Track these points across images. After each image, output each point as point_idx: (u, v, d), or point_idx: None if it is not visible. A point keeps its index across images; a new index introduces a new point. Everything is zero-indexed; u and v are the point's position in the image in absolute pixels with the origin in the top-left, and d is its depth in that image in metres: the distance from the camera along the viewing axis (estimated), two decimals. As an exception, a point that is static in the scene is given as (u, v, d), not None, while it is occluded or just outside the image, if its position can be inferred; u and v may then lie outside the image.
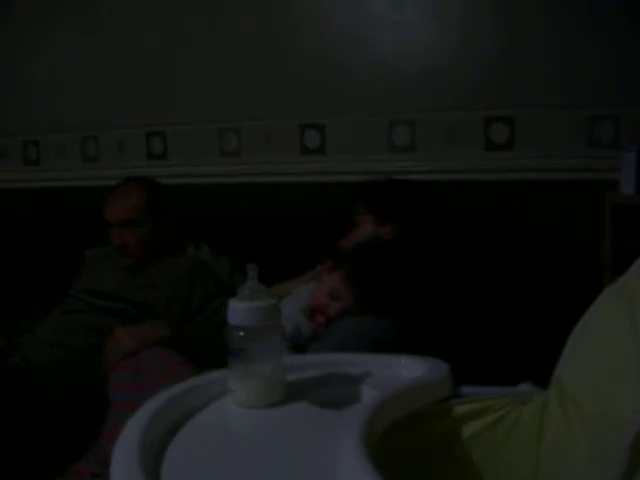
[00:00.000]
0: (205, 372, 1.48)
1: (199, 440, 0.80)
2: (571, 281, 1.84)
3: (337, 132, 2.29)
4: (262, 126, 2.36)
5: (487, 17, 2.09)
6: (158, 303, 1.97)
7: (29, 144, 2.72)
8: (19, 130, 2.71)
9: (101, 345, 1.81)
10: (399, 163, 2.22)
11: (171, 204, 2.13)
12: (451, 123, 2.15)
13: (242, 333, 0.85)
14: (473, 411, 0.93)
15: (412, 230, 1.64)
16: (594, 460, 0.81)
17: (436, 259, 1.60)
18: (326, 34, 2.25)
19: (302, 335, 1.43)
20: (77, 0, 2.55)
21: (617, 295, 0.89)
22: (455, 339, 1.42)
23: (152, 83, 2.46)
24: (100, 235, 2.11)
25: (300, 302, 1.48)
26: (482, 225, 1.99)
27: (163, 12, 2.42)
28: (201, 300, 2.00)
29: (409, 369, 0.98)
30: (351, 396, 0.92)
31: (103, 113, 2.56)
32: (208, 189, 2.44)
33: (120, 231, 2.00)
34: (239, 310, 0.85)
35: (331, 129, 2.29)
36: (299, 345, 1.43)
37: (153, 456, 0.76)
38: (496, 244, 1.91)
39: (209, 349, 1.74)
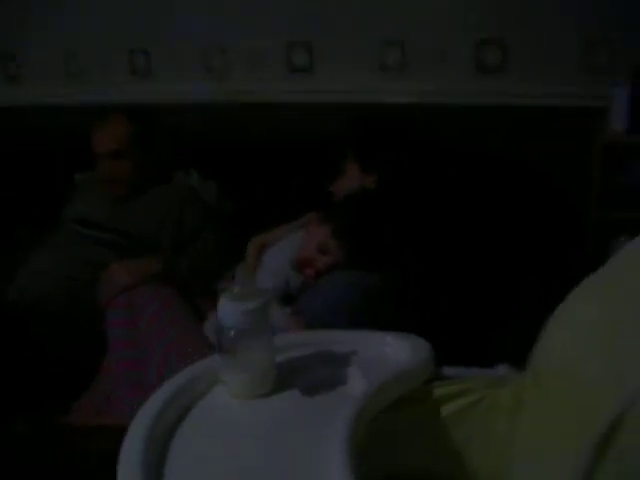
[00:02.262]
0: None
1: (199, 433, 0.86)
2: (558, 215, 1.86)
3: (326, 50, 2.22)
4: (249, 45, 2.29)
5: None
6: (149, 232, 2.00)
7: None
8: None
9: (95, 278, 1.85)
10: (389, 84, 2.17)
11: (158, 133, 2.10)
12: (442, 44, 2.09)
13: (233, 333, 0.88)
14: (452, 393, 0.99)
15: (396, 180, 1.64)
16: (562, 448, 0.87)
17: (421, 208, 1.62)
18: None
19: (291, 287, 1.46)
20: None
21: (593, 290, 0.91)
22: (440, 294, 1.46)
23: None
24: (87, 157, 2.10)
25: (288, 254, 1.50)
26: (470, 150, 1.98)
27: None
28: (191, 227, 2.04)
29: (393, 348, 1.03)
30: (338, 381, 0.97)
31: (87, 29, 2.46)
32: (193, 109, 2.39)
33: (108, 162, 2.00)
34: (230, 312, 0.88)
35: (319, 47, 2.22)
36: (288, 295, 1.46)
37: (158, 450, 0.82)
38: (483, 173, 1.91)
39: (194, 282, 1.82)
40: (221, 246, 2.03)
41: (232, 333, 0.89)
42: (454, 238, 1.62)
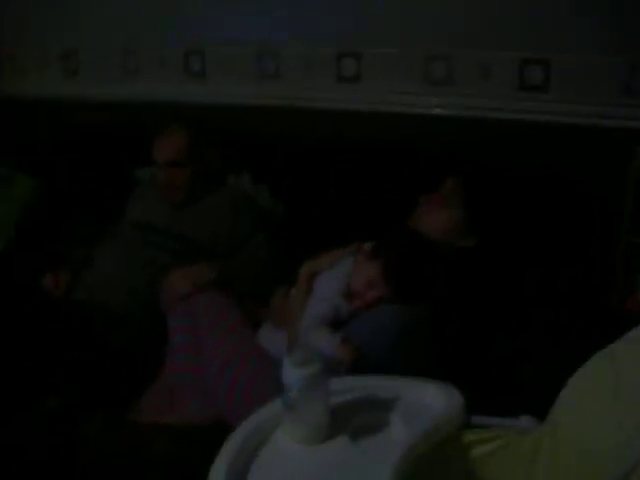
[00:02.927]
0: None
1: (265, 475, 1.03)
2: (591, 233, 1.96)
3: (374, 62, 2.31)
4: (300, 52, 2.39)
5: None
6: (205, 239, 2.15)
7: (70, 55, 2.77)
8: (58, 40, 2.75)
9: (155, 281, 2.01)
10: (435, 98, 2.26)
11: (213, 142, 2.24)
12: (488, 61, 2.16)
13: (294, 392, 1.04)
14: (479, 439, 1.14)
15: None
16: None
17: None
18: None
19: (341, 315, 1.61)
20: None
21: (608, 361, 1.05)
22: (479, 331, 1.59)
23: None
24: (145, 152, 2.25)
25: (338, 282, 1.64)
26: (508, 165, 2.08)
27: None
28: (244, 233, 2.18)
29: (432, 397, 1.18)
30: (383, 426, 1.13)
31: (144, 28, 2.58)
32: (245, 112, 2.51)
33: (167, 171, 2.14)
34: (292, 375, 1.04)
35: (368, 59, 2.31)
36: (338, 322, 1.61)
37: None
38: (518, 193, 2.00)
39: (248, 288, 1.97)
40: (272, 249, 2.18)
41: (294, 392, 1.04)
42: (499, 268, 1.74)
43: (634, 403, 0.95)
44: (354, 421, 1.12)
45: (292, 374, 1.04)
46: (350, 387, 1.20)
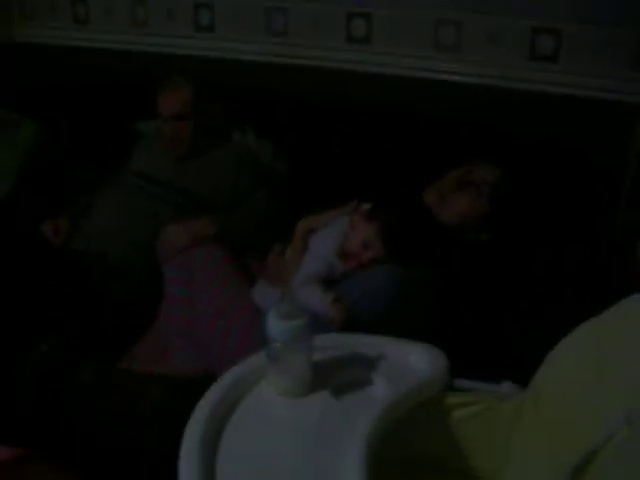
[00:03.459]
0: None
1: (247, 426, 1.05)
2: (594, 205, 1.95)
3: (384, 23, 2.28)
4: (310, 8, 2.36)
5: None
6: (207, 193, 2.16)
7: (78, 2, 2.75)
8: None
9: (155, 233, 2.02)
10: (443, 63, 2.24)
11: (218, 97, 2.23)
12: (498, 28, 2.14)
13: (278, 344, 1.06)
14: (462, 402, 1.16)
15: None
16: (549, 464, 1.04)
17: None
18: None
19: (335, 274, 1.62)
20: None
21: (590, 333, 1.06)
22: (471, 297, 1.60)
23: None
24: (149, 104, 2.24)
25: (333, 241, 1.64)
26: (513, 132, 2.07)
27: None
28: (246, 189, 2.19)
29: (417, 357, 1.19)
30: (366, 384, 1.14)
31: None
32: (253, 68, 2.49)
33: (172, 124, 2.14)
34: (277, 327, 1.05)
35: (378, 20, 2.29)
36: (332, 280, 1.62)
37: (212, 441, 1.01)
38: (519, 163, 1.99)
39: (247, 244, 1.98)
40: (273, 206, 2.18)
41: (278, 345, 1.06)
42: (501, 245, 1.74)
43: (614, 380, 0.96)
44: (337, 378, 1.14)
45: (277, 326, 1.05)
46: (335, 344, 1.21)
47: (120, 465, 1.59)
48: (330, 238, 1.66)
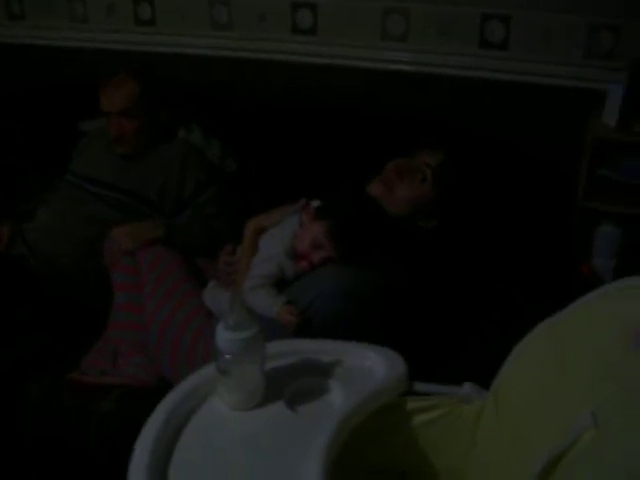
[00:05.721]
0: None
1: (197, 441, 0.99)
2: (546, 196, 1.94)
3: (330, 14, 2.23)
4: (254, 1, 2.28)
5: None
6: (152, 194, 2.08)
7: None
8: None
9: (101, 236, 1.94)
10: (391, 52, 2.20)
11: (164, 92, 2.15)
12: (446, 16, 2.10)
13: (228, 356, 0.99)
14: (423, 406, 1.11)
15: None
16: (511, 469, 1.00)
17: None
18: None
19: (287, 275, 1.56)
20: None
21: (551, 332, 1.02)
22: (425, 297, 1.56)
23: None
24: (90, 102, 2.15)
25: (283, 241, 1.58)
26: (465, 124, 2.04)
27: None
28: (193, 189, 2.11)
29: (373, 362, 1.14)
30: (322, 391, 1.09)
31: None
32: (197, 62, 2.41)
33: (118, 120, 2.05)
34: (226, 340, 0.98)
35: (323, 10, 2.23)
36: (284, 281, 1.56)
37: (164, 454, 0.95)
38: (472, 153, 1.96)
39: (196, 246, 1.92)
40: (222, 206, 2.11)
41: (228, 357, 0.99)
42: (448, 231, 1.70)
43: (578, 380, 0.92)
44: (291, 386, 1.08)
45: (226, 338, 0.99)
46: (288, 351, 1.16)
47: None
48: (280, 238, 1.60)
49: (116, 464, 0.99)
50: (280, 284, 1.56)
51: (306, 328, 1.44)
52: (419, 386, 1.12)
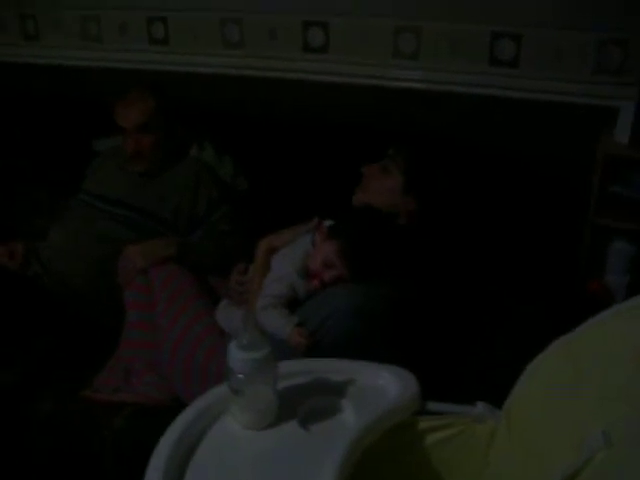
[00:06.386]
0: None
1: (210, 460, 0.99)
2: (556, 214, 1.94)
3: (341, 32, 2.24)
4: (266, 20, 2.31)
5: None
6: (166, 213, 2.09)
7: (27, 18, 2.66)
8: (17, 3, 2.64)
9: (114, 255, 1.95)
10: (402, 71, 2.21)
11: (177, 111, 2.17)
12: (457, 35, 2.11)
13: (241, 376, 1.00)
14: (435, 426, 1.11)
15: (432, 210, 1.70)
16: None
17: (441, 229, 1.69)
18: None
19: (299, 294, 1.56)
20: None
21: (565, 350, 1.02)
22: (438, 315, 1.56)
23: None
24: (103, 121, 2.18)
25: (295, 262, 1.59)
26: (475, 141, 2.05)
27: None
28: (206, 207, 2.13)
29: (386, 382, 1.14)
30: (335, 411, 1.09)
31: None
32: (209, 81, 2.44)
33: (135, 136, 2.07)
34: (239, 359, 0.99)
35: (335, 28, 2.25)
36: (296, 301, 1.57)
37: (175, 477, 0.95)
38: (483, 171, 1.96)
39: (209, 264, 1.92)
40: (235, 224, 2.12)
41: (240, 377, 1.00)
42: (457, 251, 1.70)
43: (591, 398, 0.92)
44: (304, 406, 1.09)
45: (239, 358, 0.99)
46: (301, 370, 1.16)
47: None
48: (292, 257, 1.61)
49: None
50: (292, 303, 1.56)
51: (317, 348, 1.44)
52: (432, 405, 1.12)
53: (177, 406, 1.14)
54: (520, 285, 1.75)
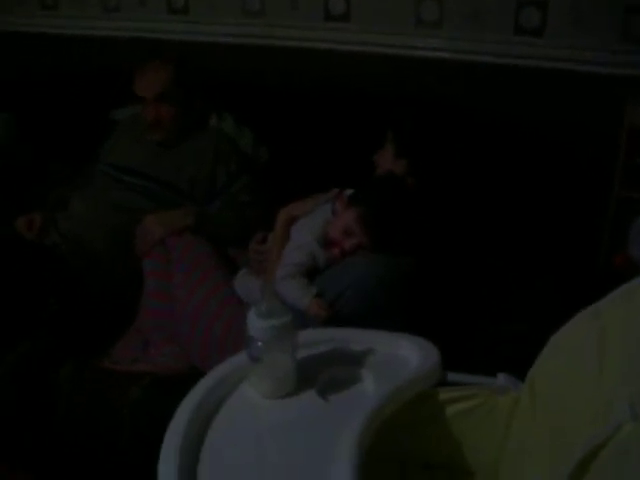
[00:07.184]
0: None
1: (229, 428, 0.99)
2: (580, 186, 1.90)
3: (363, 1, 2.21)
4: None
5: None
6: (183, 183, 2.08)
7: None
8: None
9: (132, 224, 1.95)
10: (424, 39, 2.16)
11: (196, 81, 2.14)
12: (482, 2, 2.06)
13: (260, 343, 0.99)
14: (456, 397, 1.10)
15: (428, 171, 1.68)
16: (550, 460, 0.98)
17: (449, 195, 1.67)
18: None
19: (318, 263, 1.55)
20: None
21: (592, 320, 0.99)
22: (458, 285, 1.54)
23: None
24: (122, 91, 2.16)
25: (315, 230, 1.58)
26: (498, 113, 2.01)
27: None
28: (225, 179, 2.11)
29: (407, 352, 1.13)
30: (354, 380, 1.08)
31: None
32: (229, 50, 2.41)
33: (154, 106, 2.05)
34: (258, 326, 0.98)
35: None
36: (316, 269, 1.55)
37: (193, 444, 0.95)
38: (506, 142, 1.93)
39: (228, 234, 1.91)
40: (255, 195, 2.11)
41: (260, 344, 0.99)
42: (476, 222, 1.68)
43: (618, 371, 0.89)
44: (324, 375, 1.08)
45: (258, 325, 0.98)
46: (321, 339, 1.15)
47: (99, 467, 1.55)
48: (312, 226, 1.59)
49: (145, 449, 0.99)
50: (311, 272, 1.54)
51: (336, 317, 1.43)
52: (452, 376, 1.10)
53: (195, 375, 1.13)
54: (540, 258, 1.72)
